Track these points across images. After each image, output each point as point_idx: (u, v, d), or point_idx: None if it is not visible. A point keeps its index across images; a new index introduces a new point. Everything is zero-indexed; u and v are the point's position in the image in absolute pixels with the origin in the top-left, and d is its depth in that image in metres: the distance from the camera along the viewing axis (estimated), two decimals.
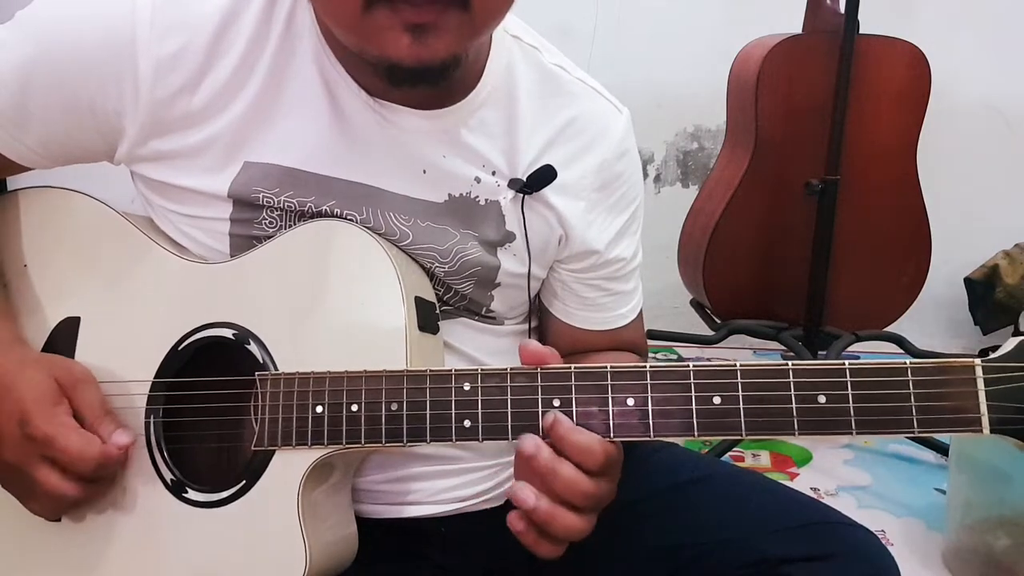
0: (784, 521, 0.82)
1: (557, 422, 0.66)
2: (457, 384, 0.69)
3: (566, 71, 0.85)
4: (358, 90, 0.76)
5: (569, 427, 0.66)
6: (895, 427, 0.63)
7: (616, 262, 0.88)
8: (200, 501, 0.74)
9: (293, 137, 0.76)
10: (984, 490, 1.52)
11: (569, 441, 0.65)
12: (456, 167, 0.79)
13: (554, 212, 0.83)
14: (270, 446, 0.72)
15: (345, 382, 0.71)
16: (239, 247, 0.78)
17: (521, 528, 0.67)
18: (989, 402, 0.61)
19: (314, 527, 0.72)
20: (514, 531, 0.68)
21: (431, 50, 0.66)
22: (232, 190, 0.76)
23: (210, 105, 0.74)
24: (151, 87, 0.73)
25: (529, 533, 0.67)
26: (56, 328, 0.80)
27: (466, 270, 0.81)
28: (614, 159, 0.85)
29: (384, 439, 0.70)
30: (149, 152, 0.76)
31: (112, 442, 0.72)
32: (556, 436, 0.66)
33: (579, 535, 0.68)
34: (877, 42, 1.89)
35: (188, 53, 0.73)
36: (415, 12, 0.64)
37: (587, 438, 0.66)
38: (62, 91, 0.74)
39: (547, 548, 0.68)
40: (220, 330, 0.76)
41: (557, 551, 0.68)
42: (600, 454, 0.66)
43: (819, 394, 0.63)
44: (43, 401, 0.72)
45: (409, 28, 0.64)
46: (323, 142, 0.76)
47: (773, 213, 1.97)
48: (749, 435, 0.64)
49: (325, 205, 0.77)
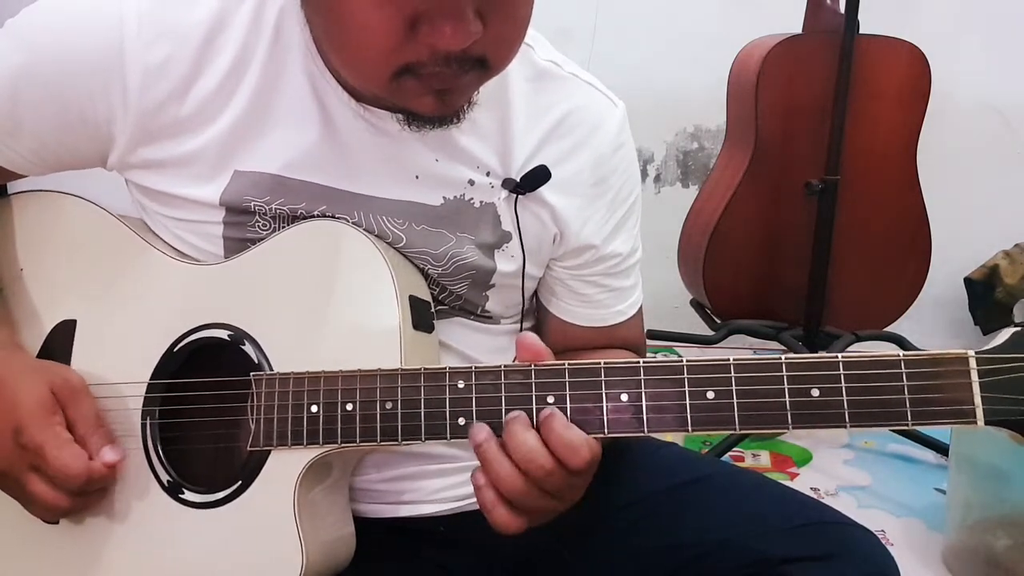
0: (784, 521, 0.82)
1: (553, 416, 0.66)
2: (451, 382, 0.69)
3: (559, 66, 0.84)
4: (348, 99, 0.76)
5: (563, 423, 0.66)
6: (889, 419, 0.62)
7: (613, 257, 0.88)
8: (196, 502, 0.75)
9: (283, 146, 0.76)
10: (984, 490, 1.52)
11: (558, 436, 0.65)
12: (449, 170, 0.79)
13: (549, 210, 0.83)
14: (266, 446, 0.73)
15: (340, 381, 0.71)
16: (233, 249, 0.78)
17: (481, 482, 0.68)
18: (983, 393, 0.60)
19: (311, 526, 0.72)
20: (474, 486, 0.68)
21: (453, 107, 0.71)
22: (223, 199, 0.76)
23: (198, 113, 0.75)
24: (139, 96, 0.73)
25: (487, 490, 0.67)
26: (53, 331, 0.80)
27: (461, 272, 0.81)
28: (610, 153, 0.85)
29: (379, 438, 0.70)
30: (139, 160, 0.76)
31: (100, 458, 0.73)
32: (547, 430, 0.66)
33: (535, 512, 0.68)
34: (877, 42, 1.89)
35: (175, 62, 0.73)
36: (441, 80, 0.67)
37: (576, 436, 0.66)
38: (52, 100, 0.74)
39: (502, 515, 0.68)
40: (215, 331, 0.76)
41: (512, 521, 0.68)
42: (586, 452, 0.66)
43: (813, 387, 0.63)
44: (38, 411, 0.72)
45: (434, 92, 0.68)
46: (313, 151, 0.76)
47: (773, 213, 1.97)
48: (743, 429, 0.64)
49: (317, 210, 0.77)
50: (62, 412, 0.74)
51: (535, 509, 0.68)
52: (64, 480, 0.71)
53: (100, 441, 0.74)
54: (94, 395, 0.77)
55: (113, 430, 0.76)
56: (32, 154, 0.78)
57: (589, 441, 0.66)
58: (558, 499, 0.68)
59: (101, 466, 0.73)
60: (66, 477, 0.71)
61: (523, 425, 0.66)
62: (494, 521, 0.68)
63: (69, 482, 0.72)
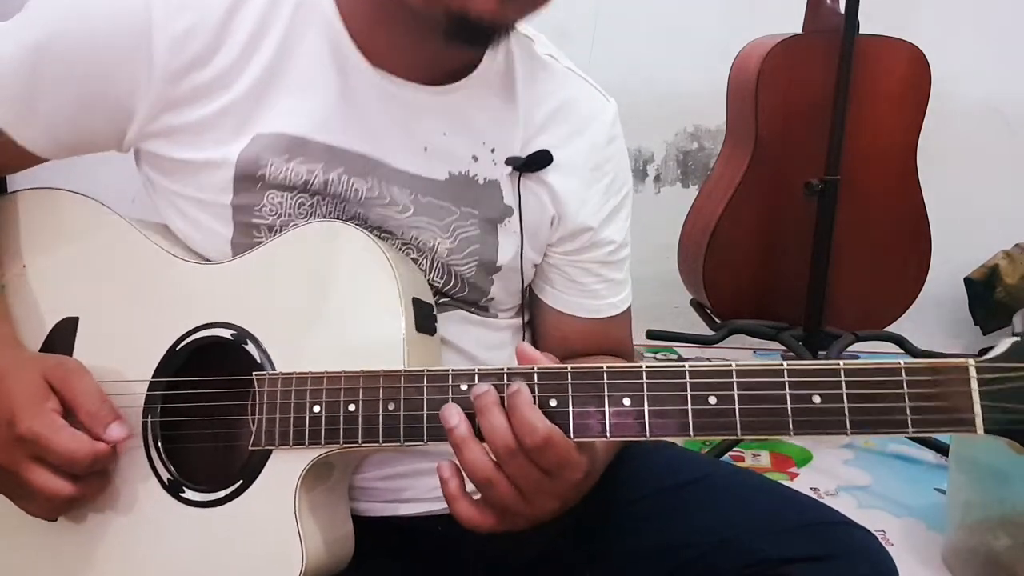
0: (784, 521, 0.82)
1: (518, 393, 0.65)
2: (454, 383, 0.69)
3: (557, 60, 0.89)
4: (367, 65, 0.78)
5: (527, 402, 0.65)
6: (890, 427, 0.62)
7: (607, 244, 0.90)
8: (197, 500, 0.75)
9: (302, 108, 0.77)
10: (984, 490, 1.52)
11: (520, 413, 0.65)
12: (455, 145, 0.82)
13: (548, 190, 0.85)
14: (267, 445, 0.73)
15: (343, 381, 0.71)
16: (242, 233, 0.79)
17: (446, 474, 0.68)
18: (983, 402, 0.61)
19: (311, 526, 0.72)
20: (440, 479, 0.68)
21: (508, 15, 0.72)
22: (241, 158, 0.77)
23: (220, 78, 0.76)
24: (165, 63, 0.74)
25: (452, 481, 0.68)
26: (54, 328, 0.80)
27: (466, 248, 0.83)
28: (604, 143, 0.88)
29: (381, 439, 0.70)
30: (160, 127, 0.77)
31: (108, 435, 0.72)
32: (511, 406, 0.65)
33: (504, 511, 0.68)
34: (877, 42, 1.89)
35: (200, 29, 0.75)
36: None
37: (534, 416, 0.65)
38: (74, 72, 0.75)
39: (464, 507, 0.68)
40: (218, 330, 0.77)
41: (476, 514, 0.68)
42: (541, 435, 0.65)
43: (814, 394, 0.63)
44: (30, 399, 0.72)
45: None
46: (331, 113, 0.78)
47: (773, 213, 1.98)
48: (745, 435, 0.64)
49: (333, 173, 0.78)
50: (56, 397, 0.73)
51: (504, 505, 0.67)
52: (67, 463, 0.71)
53: (107, 418, 0.73)
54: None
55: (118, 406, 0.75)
56: (49, 130, 0.78)
57: (552, 429, 0.65)
58: (528, 500, 0.67)
59: (105, 445, 0.72)
60: (70, 459, 0.71)
61: (493, 401, 0.66)
62: (458, 513, 0.68)
63: (73, 465, 0.71)
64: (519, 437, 0.65)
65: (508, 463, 0.66)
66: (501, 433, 0.65)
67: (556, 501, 0.69)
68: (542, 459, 0.66)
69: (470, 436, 0.66)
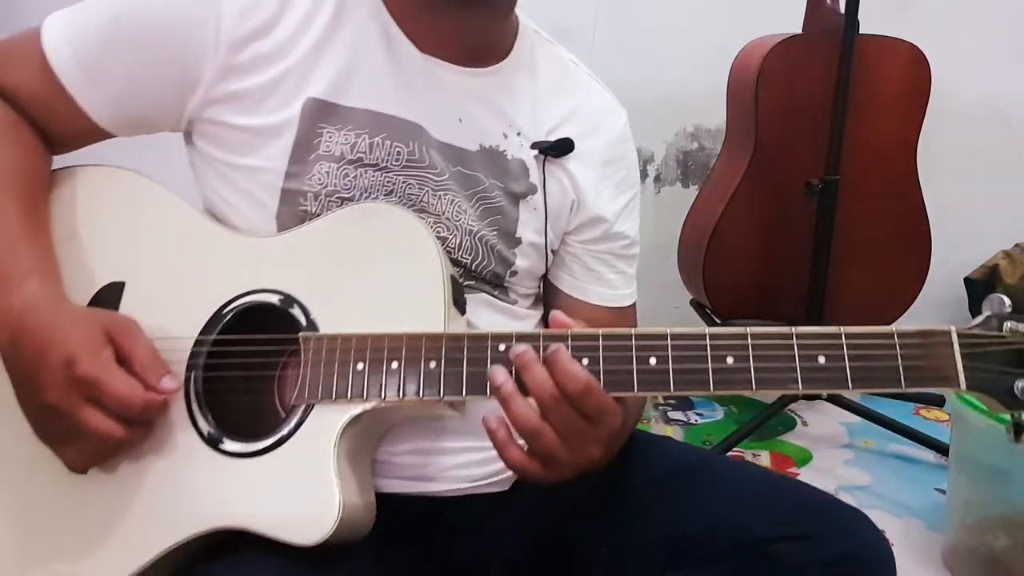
0: (775, 503, 0.87)
1: (558, 351, 0.72)
2: (493, 343, 0.75)
3: (577, 66, 1.00)
4: (409, 45, 0.87)
5: (567, 357, 0.72)
6: (885, 383, 0.72)
7: (622, 237, 0.98)
8: (236, 452, 0.78)
9: (352, 77, 0.86)
10: (984, 490, 1.53)
11: (561, 365, 0.72)
12: (487, 121, 0.91)
13: (569, 177, 0.94)
14: (310, 399, 0.77)
15: (387, 341, 0.76)
16: (288, 202, 0.85)
17: (493, 425, 0.74)
18: (964, 363, 0.72)
19: (345, 484, 0.76)
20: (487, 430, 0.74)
21: None
22: (302, 114, 0.84)
23: (279, 50, 0.84)
24: (231, 29, 0.82)
25: (501, 428, 0.73)
26: (99, 292, 0.84)
27: (487, 217, 0.90)
28: (618, 141, 0.98)
29: (422, 392, 0.75)
30: (222, 93, 0.84)
31: (161, 386, 0.76)
32: (551, 362, 0.72)
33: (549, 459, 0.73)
34: (877, 42, 1.91)
35: (264, 2, 0.84)
36: None
37: (574, 367, 0.72)
38: (148, 37, 0.83)
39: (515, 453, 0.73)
40: (266, 295, 0.81)
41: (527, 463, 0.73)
42: (583, 381, 0.71)
43: (819, 354, 0.73)
44: (89, 345, 0.75)
45: None
46: (379, 83, 0.87)
47: (773, 213, 1.98)
48: (760, 389, 0.73)
49: (377, 137, 0.86)
50: (112, 348, 0.76)
51: (550, 453, 0.73)
52: (122, 406, 0.74)
53: (160, 371, 0.77)
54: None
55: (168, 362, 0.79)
56: (112, 102, 0.85)
57: (591, 378, 0.72)
58: (571, 448, 0.73)
59: (159, 394, 0.76)
60: (125, 403, 0.74)
61: (533, 358, 0.73)
62: (508, 460, 0.74)
63: (127, 409, 0.74)
64: (561, 385, 0.72)
65: (552, 411, 0.72)
66: (545, 384, 0.72)
67: (599, 448, 0.75)
68: (584, 404, 0.72)
69: (515, 391, 0.73)
